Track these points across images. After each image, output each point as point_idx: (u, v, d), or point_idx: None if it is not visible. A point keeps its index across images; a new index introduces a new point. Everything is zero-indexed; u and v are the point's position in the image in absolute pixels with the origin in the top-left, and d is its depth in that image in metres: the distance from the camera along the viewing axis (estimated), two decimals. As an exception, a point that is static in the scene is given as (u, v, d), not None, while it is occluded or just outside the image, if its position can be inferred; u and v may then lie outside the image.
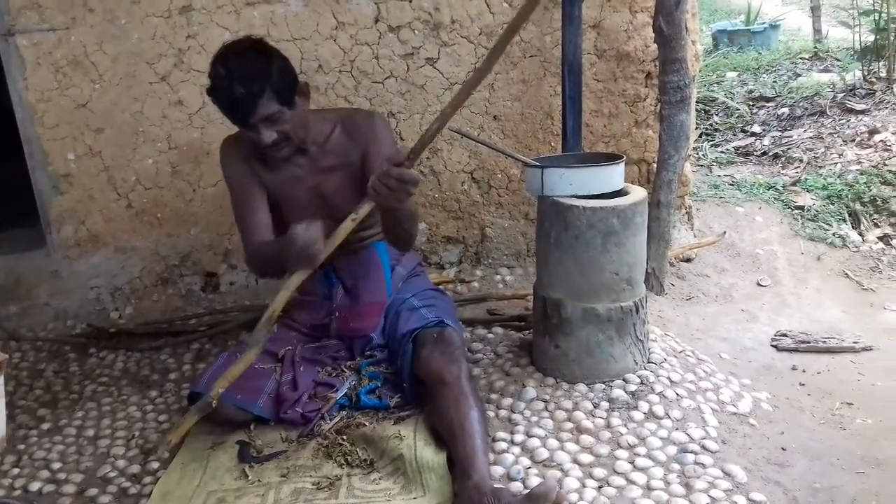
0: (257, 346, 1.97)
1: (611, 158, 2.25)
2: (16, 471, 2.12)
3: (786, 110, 4.78)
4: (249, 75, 1.96)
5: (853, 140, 4.12)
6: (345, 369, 2.29)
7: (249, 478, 1.94)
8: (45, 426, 2.34)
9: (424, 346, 2.11)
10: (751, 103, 5.07)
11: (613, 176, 2.19)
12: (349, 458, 1.97)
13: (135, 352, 2.81)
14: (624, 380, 2.21)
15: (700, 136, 4.64)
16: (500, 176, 3.18)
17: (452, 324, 2.22)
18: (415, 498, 1.79)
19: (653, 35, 2.82)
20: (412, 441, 1.99)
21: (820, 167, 3.97)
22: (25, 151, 3.10)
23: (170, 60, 3.00)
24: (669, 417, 2.06)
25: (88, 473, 2.08)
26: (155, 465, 2.09)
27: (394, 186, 1.80)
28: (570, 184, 2.15)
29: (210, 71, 2.03)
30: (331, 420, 2.12)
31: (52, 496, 2.00)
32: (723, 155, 4.38)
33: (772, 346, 2.63)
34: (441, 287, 2.66)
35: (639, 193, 2.21)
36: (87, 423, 2.34)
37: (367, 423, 2.10)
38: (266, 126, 2.03)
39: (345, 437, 2.04)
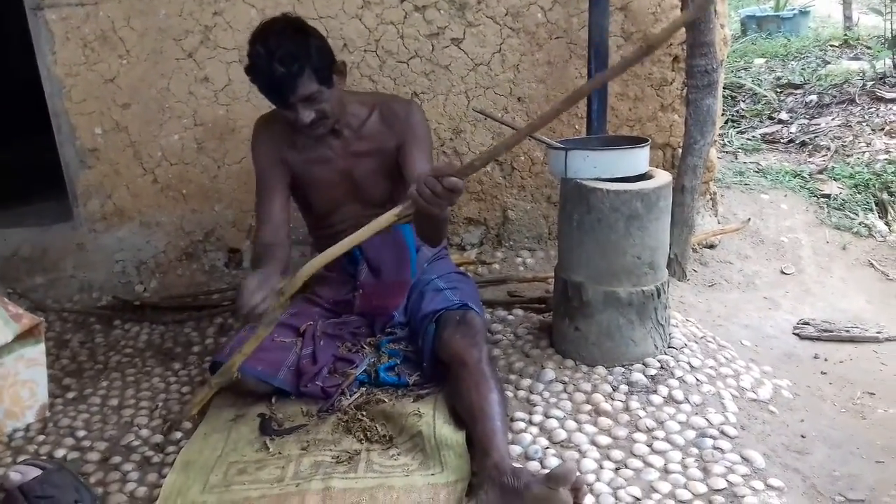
0: (271, 325, 1.98)
1: (635, 142, 2.24)
2: (41, 437, 2.17)
3: (814, 98, 4.72)
4: (289, 55, 1.96)
5: (882, 129, 4.07)
6: (364, 346, 2.31)
7: (270, 450, 1.97)
8: (71, 395, 2.39)
9: (447, 328, 2.12)
10: (778, 90, 5.01)
11: (638, 159, 2.18)
12: (368, 433, 1.99)
13: (159, 324, 2.85)
14: (644, 364, 2.21)
15: (726, 122, 4.60)
16: (523, 158, 3.17)
17: (475, 307, 2.23)
18: (433, 474, 1.81)
19: (681, 18, 2.79)
20: (431, 419, 2.00)
21: (847, 156, 3.92)
22: (53, 125, 3.14)
23: (196, 37, 3.01)
24: (689, 402, 2.06)
25: (112, 442, 2.12)
26: (178, 434, 2.12)
27: (441, 194, 1.79)
28: (593, 166, 2.14)
29: (249, 50, 2.02)
30: (351, 395, 2.14)
31: (76, 463, 2.03)
32: (749, 142, 4.34)
33: (794, 334, 2.62)
34: (463, 269, 2.67)
35: (663, 177, 2.20)
36: (112, 393, 2.38)
37: (386, 400, 2.12)
38: (305, 105, 2.03)
39: (364, 413, 2.07)
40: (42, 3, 2.97)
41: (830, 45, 5.81)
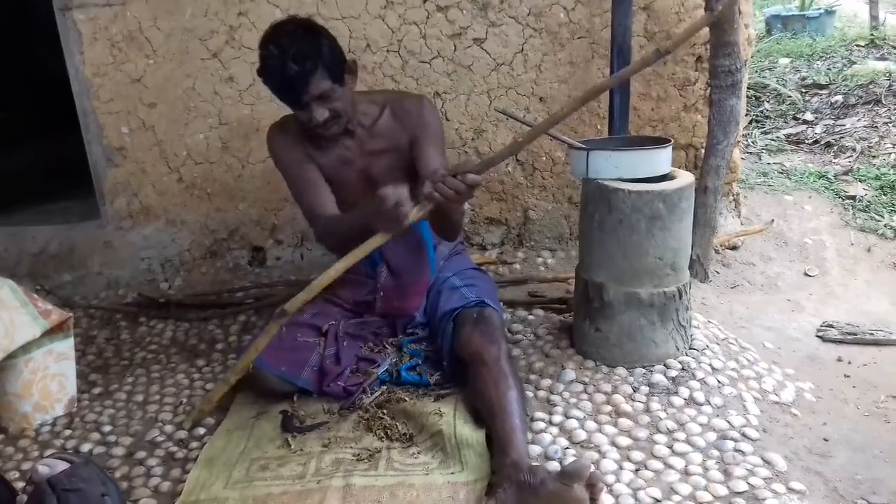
0: (284, 317, 2.01)
1: (658, 142, 2.24)
2: (68, 432, 2.20)
3: (839, 98, 4.67)
4: (302, 53, 1.98)
5: (909, 130, 4.02)
6: (386, 345, 2.33)
7: (292, 447, 1.99)
8: (97, 391, 2.43)
9: (465, 326, 2.13)
10: (803, 90, 4.96)
11: (660, 160, 2.18)
12: (389, 431, 2.00)
13: (183, 321, 2.88)
14: (665, 365, 2.21)
15: (750, 122, 4.56)
16: (544, 158, 3.17)
17: (492, 304, 2.24)
18: (452, 473, 1.82)
19: (705, 18, 2.78)
20: (451, 418, 2.01)
21: (873, 157, 3.88)
22: (81, 124, 3.19)
23: (221, 37, 3.05)
24: (710, 404, 2.05)
25: (137, 437, 2.15)
26: (201, 431, 2.15)
27: (462, 192, 1.80)
28: (615, 167, 2.14)
29: (261, 52, 2.04)
30: (372, 394, 2.15)
31: (102, 457, 2.06)
32: (773, 142, 4.30)
33: (817, 336, 2.59)
34: (482, 267, 2.67)
35: (685, 178, 2.19)
36: (137, 389, 2.42)
37: (407, 399, 2.13)
38: (318, 104, 2.05)
39: (385, 412, 2.08)
40: (70, 4, 3.02)
41: (856, 45, 5.74)
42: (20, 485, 1.81)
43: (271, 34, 2.04)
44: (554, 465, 1.85)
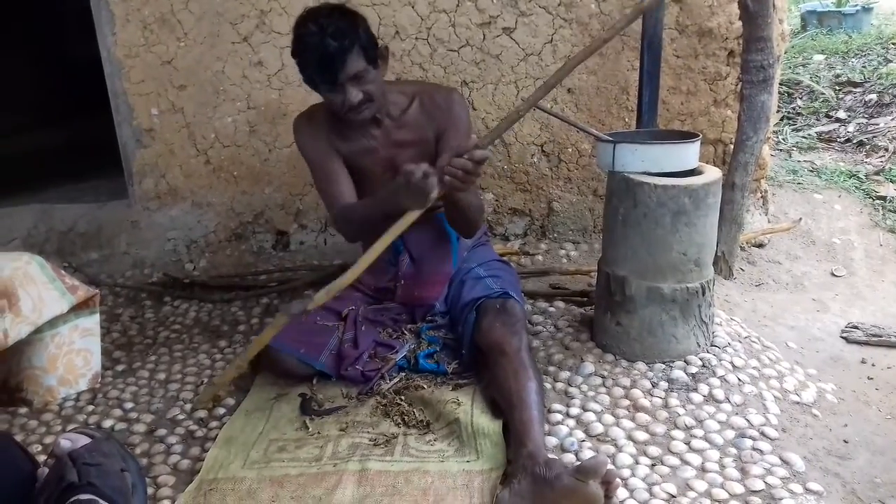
0: (292, 317, 2.03)
1: (686, 137, 2.21)
2: (90, 408, 2.24)
3: (874, 97, 4.58)
4: (340, 31, 1.98)
5: (944, 131, 3.94)
6: (405, 332, 2.34)
7: (309, 430, 2.01)
8: (120, 368, 2.46)
9: (486, 316, 2.13)
10: (837, 88, 4.87)
11: (687, 154, 2.15)
12: (406, 417, 2.01)
13: (207, 303, 2.91)
14: (685, 361, 2.19)
15: (781, 119, 4.50)
16: (570, 150, 3.15)
17: (515, 295, 2.24)
18: (468, 461, 1.82)
19: (738, 11, 2.75)
20: (469, 407, 2.02)
21: (906, 157, 3.81)
22: (112, 106, 3.22)
23: (252, 21, 3.06)
24: (729, 402, 2.04)
25: (158, 414, 2.18)
26: (220, 411, 2.17)
27: (472, 170, 1.80)
28: (641, 160, 2.12)
29: (298, 31, 2.04)
30: (390, 380, 2.17)
31: (123, 434, 2.09)
32: (804, 140, 4.24)
33: (841, 337, 2.56)
34: (505, 258, 2.67)
35: (713, 173, 2.17)
36: (159, 368, 2.45)
37: (425, 387, 2.14)
38: (353, 84, 2.04)
39: (403, 398, 2.09)
40: (104, -15, 3.04)
41: (893, 43, 5.62)
42: (42, 458, 1.85)
43: (308, 15, 2.05)
44: (570, 458, 1.85)
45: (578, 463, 1.71)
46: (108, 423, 2.15)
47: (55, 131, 5.35)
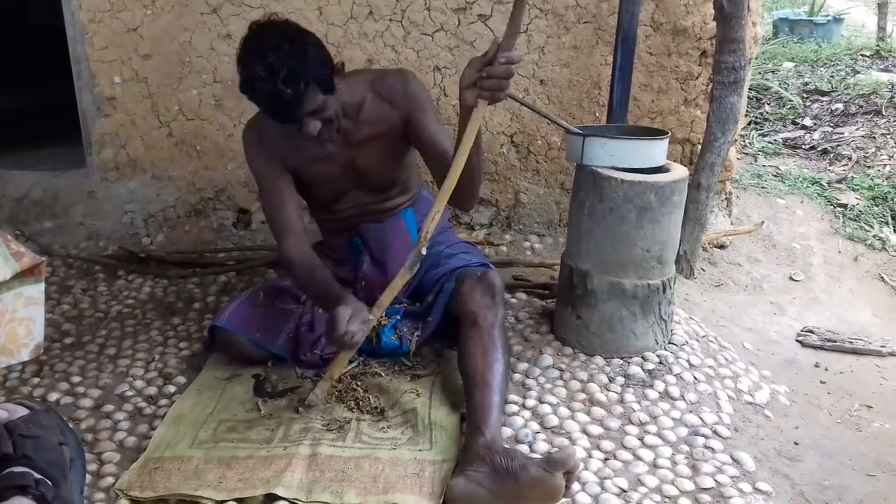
0: (354, 349, 1.94)
1: (655, 134, 2.21)
2: (36, 380, 2.17)
3: (840, 106, 4.65)
4: (293, 74, 1.80)
5: (906, 143, 4.01)
6: (365, 314, 2.29)
7: (262, 411, 1.97)
8: (68, 340, 2.40)
9: (466, 282, 2.06)
10: (805, 95, 4.94)
11: (655, 151, 2.15)
12: (360, 403, 1.98)
13: (162, 278, 2.85)
14: (643, 357, 2.20)
15: (749, 124, 4.55)
16: (540, 142, 3.14)
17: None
18: (420, 450, 1.80)
19: (712, 12, 2.75)
20: (427, 399, 2.01)
21: (868, 167, 3.88)
22: (73, 71, 3.13)
23: (222, -8, 2.99)
24: (684, 399, 2.05)
25: (106, 390, 2.12)
26: (171, 389, 2.12)
27: (510, 73, 1.67)
28: (610, 155, 2.12)
29: (245, 71, 1.85)
30: (348, 364, 2.13)
31: (69, 408, 2.04)
32: (770, 145, 4.29)
33: (797, 341, 2.59)
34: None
35: (679, 172, 2.17)
36: (110, 342, 2.38)
37: (382, 374, 2.12)
38: (311, 117, 1.91)
39: (359, 384, 2.06)
40: (70, -54, 2.95)
41: (861, 55, 5.72)
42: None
43: (253, 49, 1.84)
44: (524, 449, 1.84)
45: (547, 454, 1.69)
46: (53, 397, 2.08)
47: (15, 96, 5.20)
